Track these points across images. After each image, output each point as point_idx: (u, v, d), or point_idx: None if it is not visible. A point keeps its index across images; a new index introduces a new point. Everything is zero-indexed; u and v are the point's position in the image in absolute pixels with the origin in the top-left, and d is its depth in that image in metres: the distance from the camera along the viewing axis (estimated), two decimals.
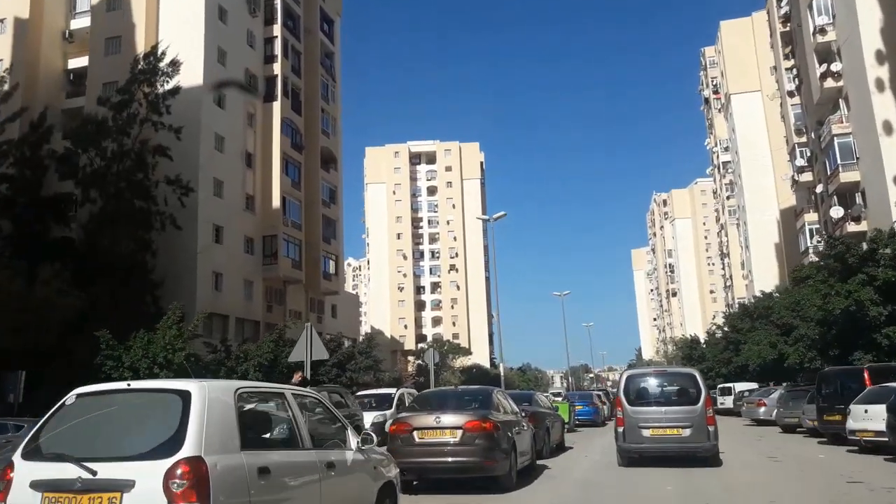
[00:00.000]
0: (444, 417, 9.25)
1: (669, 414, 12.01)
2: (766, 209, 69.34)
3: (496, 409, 9.91)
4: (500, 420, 9.54)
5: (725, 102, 75.57)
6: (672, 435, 11.85)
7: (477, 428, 8.97)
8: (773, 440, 17.63)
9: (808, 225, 44.00)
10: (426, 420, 9.32)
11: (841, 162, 36.04)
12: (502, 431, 9.40)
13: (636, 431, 11.96)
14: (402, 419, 9.68)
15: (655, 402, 12.42)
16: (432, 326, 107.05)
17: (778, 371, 29.30)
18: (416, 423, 9.30)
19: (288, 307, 44.69)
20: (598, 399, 27.31)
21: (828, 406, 14.90)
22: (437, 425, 9.17)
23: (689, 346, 59.48)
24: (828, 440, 15.43)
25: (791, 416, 19.07)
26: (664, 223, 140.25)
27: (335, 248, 49.84)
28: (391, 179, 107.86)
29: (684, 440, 11.80)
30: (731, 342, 45.67)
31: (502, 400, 10.69)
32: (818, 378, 15.74)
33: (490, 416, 9.33)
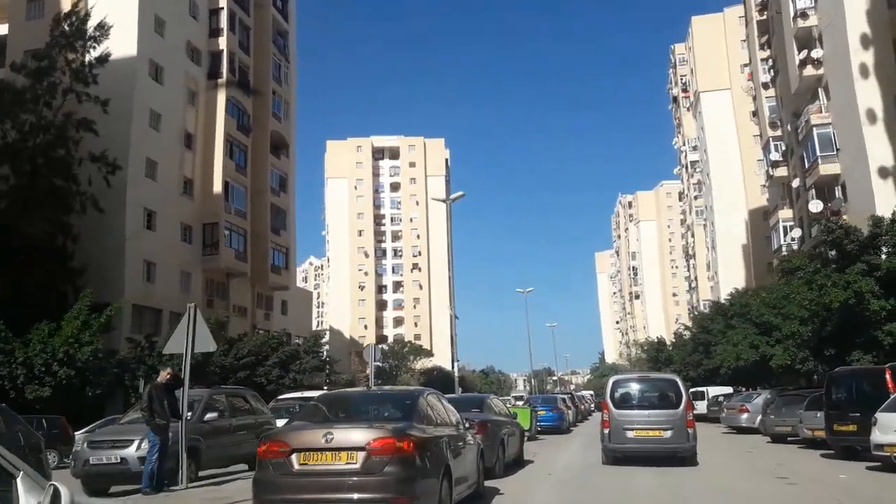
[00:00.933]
0: (339, 433, 6.26)
1: (652, 417, 12.68)
2: (734, 209, 68.17)
3: (422, 419, 7.03)
4: (426, 436, 6.71)
5: (695, 101, 74.21)
6: (654, 436, 12.49)
7: (389, 448, 6.09)
8: (768, 453, 15.13)
9: (782, 222, 42.22)
10: (312, 437, 6.28)
11: (820, 154, 34.16)
12: (430, 452, 6.62)
13: (621, 433, 12.54)
14: (276, 436, 6.64)
15: (639, 405, 13.09)
16: (394, 327, 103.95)
17: (760, 373, 27.10)
18: (298, 442, 6.29)
19: (232, 302, 41.29)
20: (562, 403, 24.73)
21: (839, 414, 12.41)
22: (327, 445, 6.13)
23: (656, 349, 57.48)
24: (836, 454, 12.94)
25: (783, 424, 16.66)
26: (629, 225, 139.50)
27: (285, 239, 46.52)
28: (353, 174, 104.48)
29: (666, 441, 12.42)
30: (701, 343, 43.64)
31: (436, 405, 7.78)
32: (827, 381, 13.26)
33: (410, 431, 6.45)
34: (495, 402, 12.34)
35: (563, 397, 28.01)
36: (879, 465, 10.78)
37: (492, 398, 12.08)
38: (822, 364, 19.28)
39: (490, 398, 12.10)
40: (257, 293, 44.16)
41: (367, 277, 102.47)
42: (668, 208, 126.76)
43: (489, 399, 11.98)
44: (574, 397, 32.87)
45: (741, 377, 37.00)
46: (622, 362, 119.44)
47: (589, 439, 20.98)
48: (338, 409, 7.50)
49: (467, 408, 10.68)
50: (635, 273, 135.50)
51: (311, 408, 8.01)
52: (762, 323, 26.08)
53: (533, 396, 26.41)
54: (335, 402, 8.16)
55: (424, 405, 7.29)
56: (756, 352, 26.19)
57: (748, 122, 69.64)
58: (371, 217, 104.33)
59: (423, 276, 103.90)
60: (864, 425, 11.25)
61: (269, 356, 32.08)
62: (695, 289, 78.52)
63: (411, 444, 6.18)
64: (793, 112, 38.53)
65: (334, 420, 6.87)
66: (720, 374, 40.16)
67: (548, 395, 29.22)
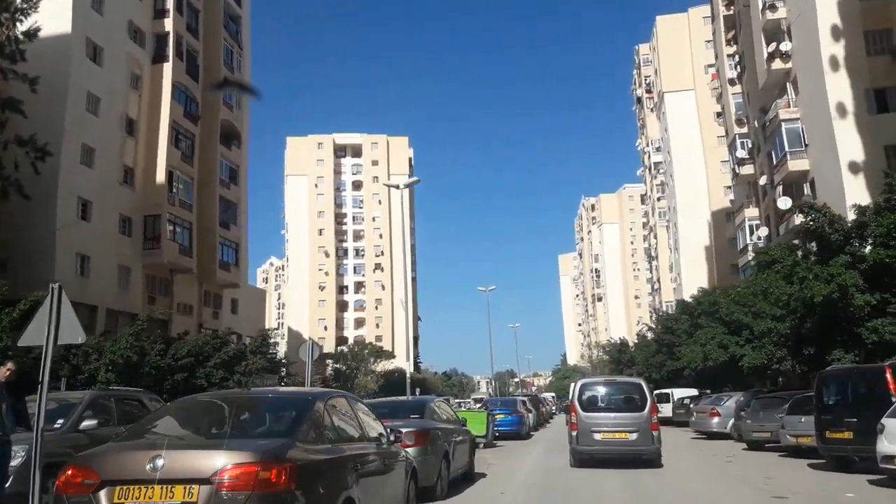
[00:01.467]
0: (173, 458, 4.24)
1: (618, 419, 12.98)
2: (697, 211, 67.93)
3: (314, 435, 5.00)
4: (314, 459, 4.75)
5: (658, 101, 73.84)
6: (621, 438, 12.80)
7: (249, 480, 4.12)
8: (750, 463, 13.70)
9: (748, 221, 41.52)
10: (133, 464, 4.32)
11: (788, 149, 33.39)
12: (322, 482, 4.71)
13: (588, 435, 12.83)
14: (81, 461, 4.57)
15: (606, 408, 13.39)
16: (355, 328, 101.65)
17: (728, 375, 25.97)
18: (111, 471, 4.35)
19: (176, 299, 38.84)
20: (522, 406, 23.15)
21: (832, 419, 11.00)
22: (154, 476, 4.13)
23: (618, 350, 56.55)
24: (828, 464, 11.53)
25: (761, 429, 15.32)
26: (592, 228, 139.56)
27: (236, 234, 44.13)
28: (313, 172, 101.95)
29: (631, 444, 12.74)
30: (665, 345, 42.70)
31: (343, 414, 5.77)
32: (817, 382, 11.85)
33: (289, 454, 4.46)
34: (440, 406, 10.44)
35: (524, 400, 26.46)
36: (885, 478, 9.36)
37: (436, 402, 10.14)
38: (799, 364, 18.07)
39: (433, 402, 10.15)
40: (204, 291, 41.72)
41: (328, 277, 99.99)
42: (630, 211, 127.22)
43: (432, 403, 10.03)
44: (536, 399, 31.34)
45: (706, 379, 36.01)
46: (584, 364, 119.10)
47: (551, 445, 19.45)
48: (188, 421, 5.33)
49: (405, 414, 8.97)
50: (598, 275, 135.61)
51: (156, 416, 5.87)
52: (732, 321, 24.93)
53: (490, 399, 24.66)
54: (195, 409, 5.77)
55: (321, 415, 5.22)
56: (725, 352, 25.04)
57: (712, 123, 69.52)
58: (332, 216, 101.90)
59: (386, 276, 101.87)
60: (863, 432, 9.87)
61: (210, 356, 29.82)
62: (657, 290, 78.14)
63: (287, 473, 4.24)
64: (760, 108, 37.81)
65: (174, 437, 4.83)
66: (684, 376, 39.25)
67: (507, 397, 27.48)
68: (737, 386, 34.99)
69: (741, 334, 24.64)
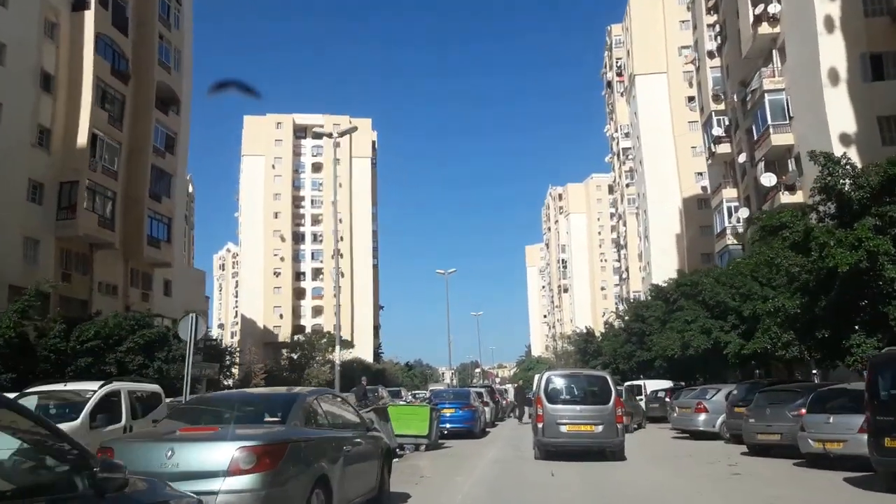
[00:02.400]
0: None
1: (584, 412, 13.02)
2: (667, 198, 65.76)
3: None
4: None
5: (629, 85, 71.32)
6: (586, 431, 12.89)
7: None
8: (764, 475, 10.65)
9: (726, 202, 38.95)
10: None
11: (772, 122, 30.81)
12: None
13: (554, 427, 12.86)
14: None
15: (572, 400, 13.40)
16: (313, 317, 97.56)
17: (710, 365, 23.21)
18: None
19: (97, 278, 34.74)
20: (477, 399, 19.96)
21: (894, 421, 7.99)
22: None
23: (584, 340, 53.91)
24: (884, 482, 8.41)
25: (769, 430, 12.34)
26: (559, 218, 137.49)
27: (169, 208, 40.02)
28: (271, 152, 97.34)
29: (596, 436, 12.85)
30: (635, 334, 40.06)
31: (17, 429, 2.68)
32: (871, 369, 8.80)
33: None
34: (326, 403, 6.73)
35: (481, 391, 23.35)
36: None
37: (314, 398, 6.43)
38: (810, 350, 15.22)
39: (311, 398, 6.38)
40: (131, 269, 37.63)
41: (284, 263, 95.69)
42: (597, 201, 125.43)
43: (308, 400, 6.26)
44: (493, 391, 28.21)
45: (677, 370, 33.43)
46: (548, 355, 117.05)
47: (507, 446, 16.32)
48: None
49: (257, 416, 5.66)
50: (564, 266, 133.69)
51: None
52: (718, 304, 22.10)
53: (435, 391, 21.39)
54: None
55: None
56: (708, 338, 22.21)
57: (683, 108, 67.30)
58: (289, 198, 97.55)
59: (345, 263, 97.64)
60: None
61: (123, 340, 26.01)
62: (626, 280, 75.91)
63: None
64: (740, 81, 35.19)
65: None
66: (654, 367, 36.66)
67: (459, 388, 24.14)
68: (711, 378, 32.48)
69: (726, 319, 21.86)
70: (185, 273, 44.03)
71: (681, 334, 23.68)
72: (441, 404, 17.80)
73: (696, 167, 65.64)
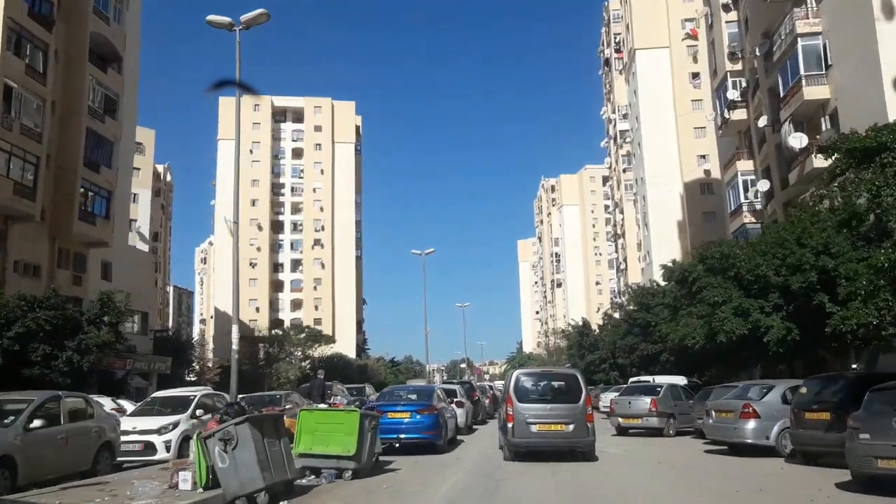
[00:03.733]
0: None
1: (555, 411, 12.69)
2: (668, 182, 61.29)
3: None
4: None
5: (629, 61, 66.60)
6: (557, 430, 12.53)
7: None
8: None
9: (741, 176, 34.25)
10: None
11: (805, 73, 26.07)
12: None
13: (524, 427, 12.48)
14: None
15: (542, 399, 13.02)
16: (292, 310, 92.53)
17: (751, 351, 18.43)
18: None
19: (13, 255, 29.66)
20: (444, 399, 15.05)
21: None
22: None
23: (579, 333, 49.20)
24: None
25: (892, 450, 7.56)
26: (552, 210, 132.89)
27: (108, 179, 34.93)
28: (248, 136, 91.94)
29: (567, 435, 12.54)
30: (637, 325, 35.43)
31: None
32: None
33: None
34: None
35: (454, 388, 18.57)
36: None
37: None
38: None
39: None
40: (58, 247, 32.58)
41: (260, 254, 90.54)
42: (591, 192, 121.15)
43: None
44: (473, 388, 23.30)
45: (689, 363, 28.78)
46: (540, 352, 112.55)
47: (479, 468, 11.50)
48: None
49: None
50: (557, 260, 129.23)
51: None
52: (756, 279, 17.35)
53: (394, 388, 16.44)
54: None
55: None
56: (745, 322, 17.46)
57: (687, 84, 62.73)
58: (268, 185, 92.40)
59: (326, 253, 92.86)
60: None
61: (13, 323, 21.09)
62: (623, 271, 71.23)
63: None
64: (763, 32, 30.48)
65: None
66: (659, 361, 32.04)
67: (422, 385, 19.07)
68: (728, 373, 27.90)
69: (767, 297, 17.17)
70: (128, 255, 38.93)
71: (705, 320, 18.96)
72: (388, 406, 13.04)
73: (698, 149, 61.17)
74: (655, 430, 17.81)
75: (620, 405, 18.90)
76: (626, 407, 18.53)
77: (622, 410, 18.74)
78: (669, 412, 17.76)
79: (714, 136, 60.52)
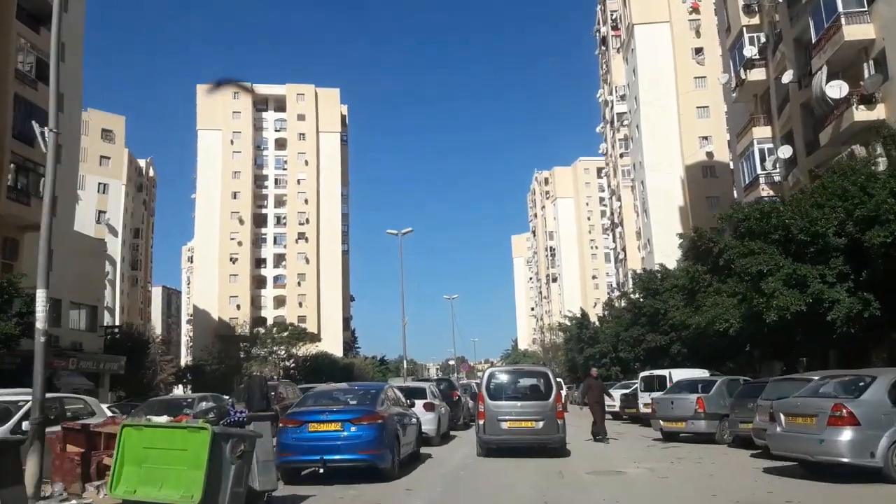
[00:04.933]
0: None
1: (525, 408, 12.89)
2: (669, 166, 57.67)
3: None
4: None
5: (627, 37, 62.74)
6: (527, 427, 12.69)
7: None
8: None
9: (757, 144, 30.31)
10: None
11: (843, 10, 22.13)
12: None
13: (495, 424, 12.68)
14: None
15: (513, 397, 13.32)
16: (275, 308, 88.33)
17: (809, 334, 14.36)
18: None
19: None
20: (398, 403, 10.71)
21: None
22: None
23: (578, 325, 45.23)
24: None
25: None
26: (546, 203, 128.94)
27: (42, 153, 30.77)
28: (229, 126, 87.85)
29: (537, 432, 12.65)
30: (643, 313, 31.51)
31: None
32: None
33: None
34: None
35: (422, 387, 14.56)
36: None
37: None
38: None
39: None
40: None
41: (242, 248, 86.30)
42: (586, 185, 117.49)
43: None
44: (453, 385, 19.19)
45: (705, 355, 24.93)
46: (535, 349, 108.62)
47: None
48: None
49: None
50: (552, 254, 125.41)
51: None
52: (812, 240, 13.28)
53: (321, 391, 11.93)
54: None
55: None
56: (802, 295, 13.38)
57: (689, 60, 58.90)
58: (250, 177, 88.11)
59: (311, 247, 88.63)
60: None
61: None
62: (622, 261, 67.30)
63: None
64: None
65: None
66: (669, 353, 28.18)
67: (361, 384, 14.63)
68: (745, 368, 24.09)
69: (829, 264, 13.16)
70: (74, 242, 34.74)
71: (740, 298, 14.88)
72: (308, 415, 8.98)
73: (701, 130, 57.51)
74: (705, 437, 14.39)
75: (662, 406, 15.49)
76: (668, 408, 15.15)
77: (664, 412, 15.32)
78: (722, 413, 14.09)
79: (718, 116, 56.91)
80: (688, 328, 23.61)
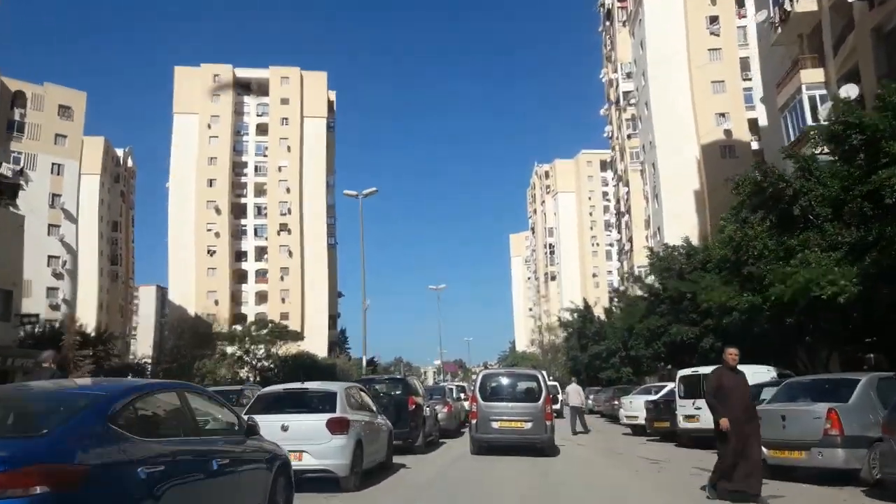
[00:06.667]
0: None
1: (515, 409, 13.70)
2: (682, 145, 52.29)
3: None
4: None
5: (635, 7, 57.25)
6: (516, 427, 13.43)
7: None
8: None
9: (806, 90, 24.61)
10: None
11: None
12: None
13: (487, 423, 13.54)
14: None
15: (504, 398, 14.08)
16: (256, 303, 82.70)
17: None
18: None
19: None
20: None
21: None
22: None
23: (582, 318, 39.45)
24: None
25: None
26: (546, 198, 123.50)
27: None
28: (206, 110, 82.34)
29: (526, 432, 13.41)
30: (664, 299, 25.77)
31: None
32: None
33: None
34: None
35: (331, 390, 9.06)
36: None
37: None
38: None
39: None
40: None
41: (219, 240, 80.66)
42: (589, 178, 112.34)
43: None
44: (410, 390, 13.94)
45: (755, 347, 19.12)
46: (533, 350, 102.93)
47: None
48: None
49: None
50: (552, 251, 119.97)
51: None
52: None
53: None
54: None
55: None
56: None
57: (702, 31, 53.36)
58: (228, 164, 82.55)
59: (294, 239, 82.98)
60: None
61: None
62: (628, 253, 61.60)
63: None
64: None
65: None
66: (699, 350, 22.47)
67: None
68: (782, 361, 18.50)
69: None
70: None
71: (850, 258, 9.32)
72: None
73: (717, 107, 52.02)
74: (841, 473, 8.52)
75: (770, 423, 9.13)
76: (779, 427, 9.20)
77: (773, 434, 9.11)
78: (873, 436, 8.07)
79: (735, 92, 51.43)
80: (729, 313, 17.87)
